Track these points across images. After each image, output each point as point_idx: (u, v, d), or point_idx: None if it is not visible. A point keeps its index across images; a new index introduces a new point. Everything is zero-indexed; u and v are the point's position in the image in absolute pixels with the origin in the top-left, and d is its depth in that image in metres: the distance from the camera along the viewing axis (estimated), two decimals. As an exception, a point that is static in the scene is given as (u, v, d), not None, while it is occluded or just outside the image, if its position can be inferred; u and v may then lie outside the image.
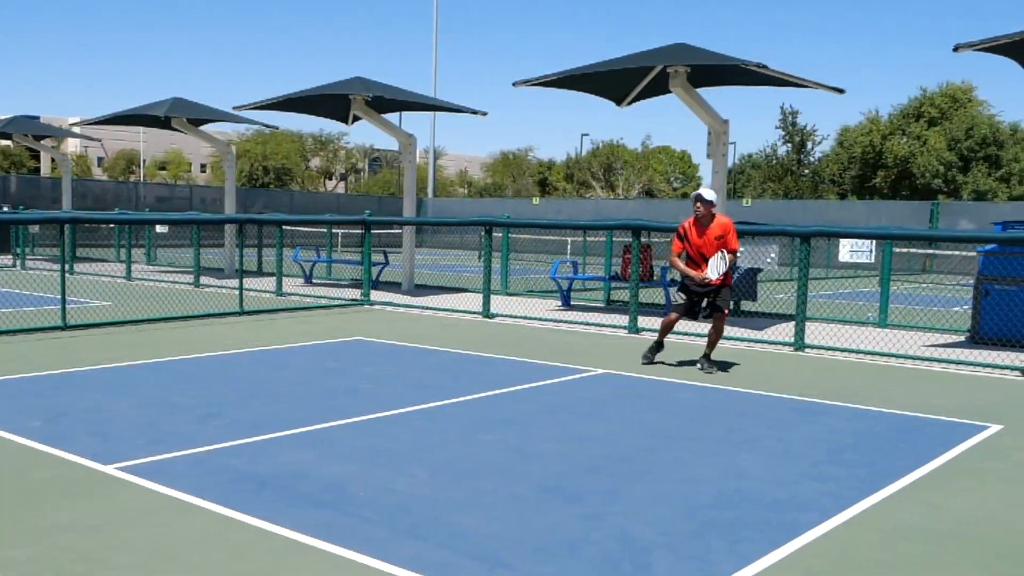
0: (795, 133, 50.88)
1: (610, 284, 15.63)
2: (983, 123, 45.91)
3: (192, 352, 9.69)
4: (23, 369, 8.48)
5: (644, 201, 45.74)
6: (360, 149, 71.62)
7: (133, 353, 9.53)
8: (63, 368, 8.60)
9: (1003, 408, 7.95)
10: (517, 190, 64.56)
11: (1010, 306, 11.91)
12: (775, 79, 13.30)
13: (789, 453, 6.23)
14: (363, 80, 16.16)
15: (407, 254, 16.82)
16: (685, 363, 9.85)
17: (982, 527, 4.80)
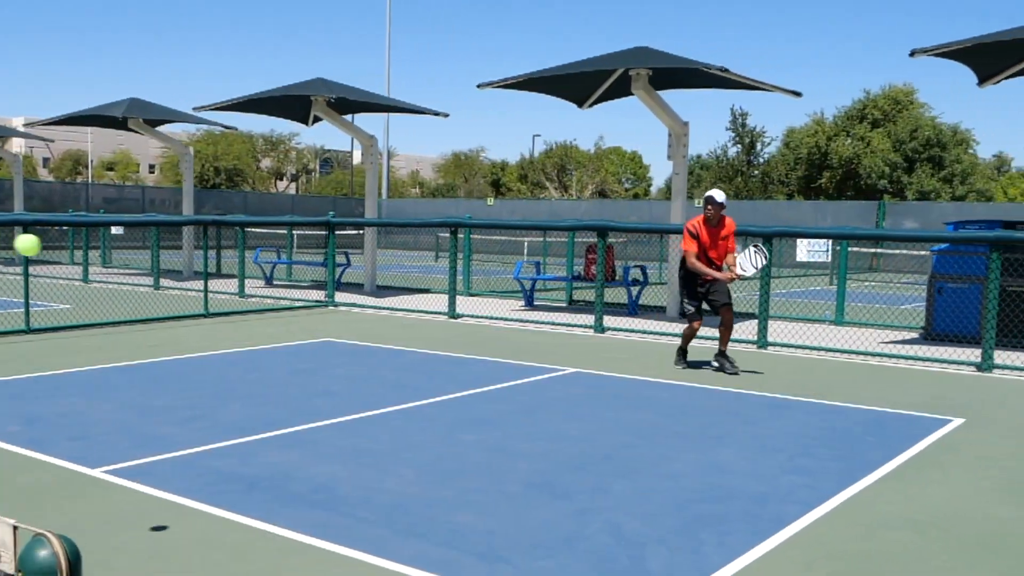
0: (745, 134, 51.66)
1: (572, 284, 15.79)
2: (927, 125, 47.05)
3: (162, 355, 9.62)
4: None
5: (598, 201, 46.08)
6: (311, 150, 71.12)
7: (102, 356, 9.43)
8: (33, 372, 8.49)
9: (963, 402, 8.22)
10: (469, 191, 64.62)
11: (962, 304, 12.28)
12: (736, 82, 13.56)
13: (764, 448, 6.39)
14: (325, 81, 16.13)
15: (369, 255, 16.81)
16: (651, 361, 10.02)
17: (957, 516, 4.99)
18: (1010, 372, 9.91)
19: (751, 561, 4.26)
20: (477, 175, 68.05)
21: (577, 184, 58.51)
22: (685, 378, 9.07)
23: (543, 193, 59.21)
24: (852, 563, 4.26)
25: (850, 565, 4.24)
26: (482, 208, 38.98)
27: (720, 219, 9.40)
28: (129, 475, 5.29)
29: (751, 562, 4.25)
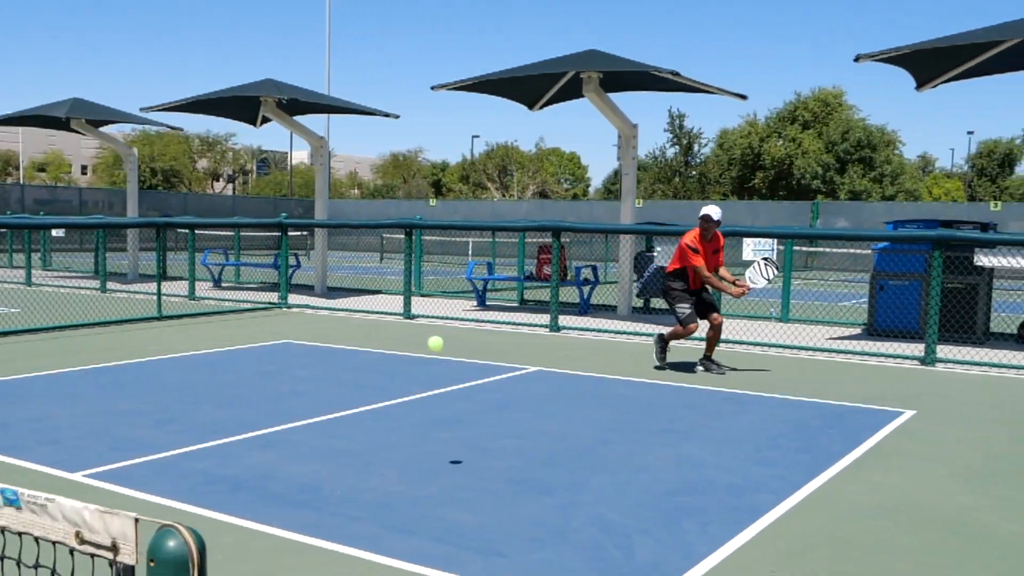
0: (683, 136, 52.46)
1: (523, 284, 15.94)
2: (857, 127, 48.34)
3: (122, 358, 9.51)
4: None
5: (539, 202, 46.35)
6: (248, 150, 70.19)
7: (61, 360, 9.29)
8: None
9: (912, 394, 8.56)
10: (408, 191, 64.46)
11: (903, 300, 12.73)
12: (684, 86, 13.84)
13: (731, 441, 6.60)
14: (275, 82, 16.03)
15: (320, 256, 16.75)
16: (609, 359, 10.21)
17: (923, 504, 5.24)
18: (952, 365, 10.31)
19: (734, 550, 4.43)
20: (416, 176, 67.90)
21: (518, 185, 58.80)
22: (647, 375, 9.27)
23: (485, 194, 59.36)
24: (830, 549, 4.46)
25: (828, 551, 4.44)
26: (424, 209, 38.95)
27: (714, 234, 9.60)
28: (111, 479, 5.28)
29: (734, 550, 4.42)
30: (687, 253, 9.43)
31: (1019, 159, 60.27)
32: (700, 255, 9.41)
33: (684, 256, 9.45)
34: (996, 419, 7.60)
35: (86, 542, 1.55)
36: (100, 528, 1.53)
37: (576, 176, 71.93)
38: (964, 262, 11.81)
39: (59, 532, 1.59)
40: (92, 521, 1.54)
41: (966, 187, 61.73)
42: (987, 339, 12.45)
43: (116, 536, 1.51)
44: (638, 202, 38.27)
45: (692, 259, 9.41)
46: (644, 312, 15.03)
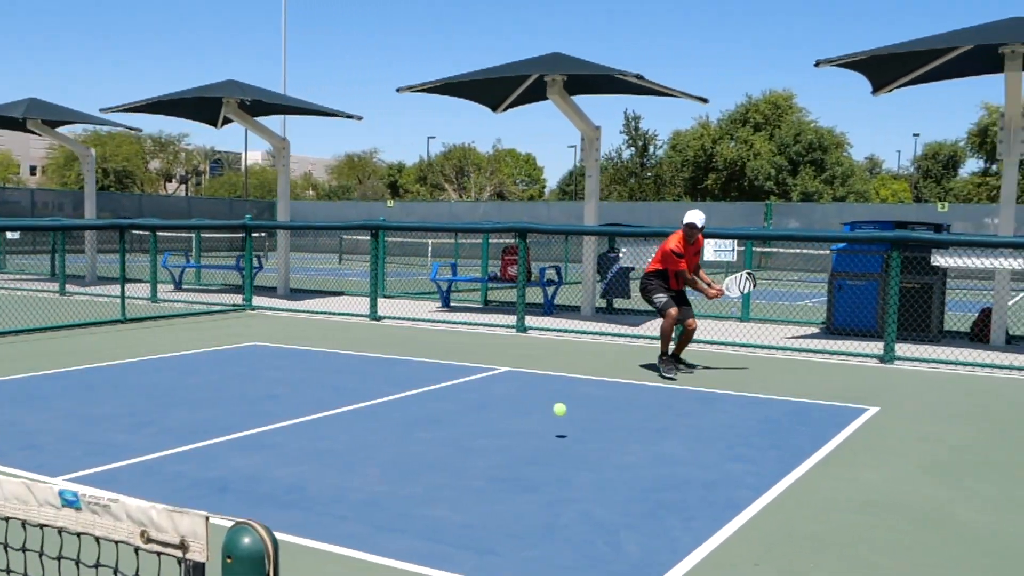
0: (638, 137, 52.91)
1: (487, 285, 16.01)
2: (809, 130, 49.14)
3: (88, 361, 9.41)
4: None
5: (497, 203, 46.45)
6: (201, 151, 69.31)
7: (24, 365, 9.16)
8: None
9: (874, 391, 8.78)
10: (363, 192, 64.15)
11: (860, 300, 13.02)
12: (646, 89, 14.01)
13: (704, 439, 6.73)
14: (237, 83, 15.92)
15: (283, 258, 16.67)
16: (578, 359, 10.33)
17: (895, 497, 5.40)
18: (909, 363, 10.58)
19: (718, 544, 4.54)
20: (371, 177, 67.60)
21: (475, 186, 58.85)
22: (616, 375, 9.38)
23: (442, 195, 59.31)
24: (810, 543, 4.60)
25: (808, 545, 4.57)
26: (382, 210, 38.82)
27: (695, 237, 9.73)
28: (95, 482, 5.25)
29: (718, 544, 4.53)
30: (671, 258, 9.52)
31: (963, 161, 61.61)
32: (684, 260, 9.54)
33: (668, 259, 9.55)
34: (955, 414, 7.83)
35: (152, 541, 1.60)
36: (168, 527, 1.58)
37: (532, 177, 72.18)
38: (919, 262, 12.12)
39: (123, 532, 1.64)
40: (160, 520, 1.58)
41: (912, 188, 62.96)
42: (941, 337, 12.79)
43: (185, 534, 1.56)
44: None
45: (676, 264, 9.52)
46: (607, 312, 15.18)
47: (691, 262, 9.70)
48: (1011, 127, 11.81)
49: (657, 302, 9.62)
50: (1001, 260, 10.64)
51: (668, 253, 9.55)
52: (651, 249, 12.30)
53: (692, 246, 9.71)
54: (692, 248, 9.71)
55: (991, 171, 52.87)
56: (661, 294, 9.62)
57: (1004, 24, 11.32)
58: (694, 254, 9.78)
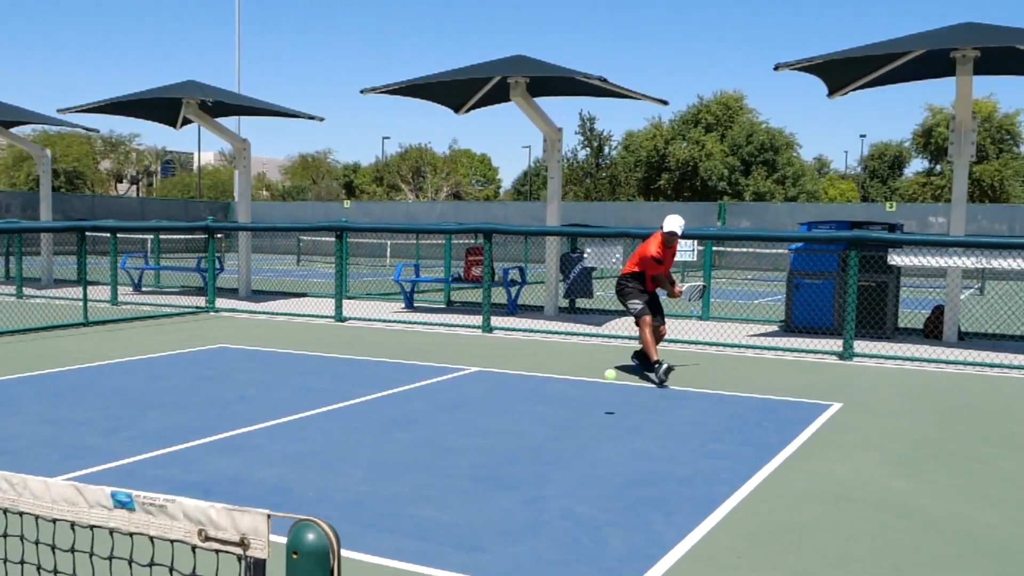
0: (593, 138, 53.24)
1: (450, 285, 16.07)
2: (761, 131, 49.84)
3: (54, 365, 9.30)
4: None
5: (454, 204, 46.44)
6: (152, 151, 68.27)
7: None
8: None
9: (836, 388, 9.00)
10: (318, 193, 63.74)
11: (817, 298, 13.30)
12: (610, 91, 14.17)
13: (676, 435, 6.88)
14: (198, 84, 15.79)
15: (244, 259, 16.56)
16: (545, 358, 10.44)
17: (864, 489, 5.58)
18: (867, 359, 10.85)
19: (700, 537, 4.67)
20: (326, 177, 67.16)
21: (432, 187, 58.78)
22: (583, 374, 9.50)
23: (399, 195, 59.14)
24: (788, 535, 4.74)
25: (787, 537, 4.71)
26: (339, 211, 38.64)
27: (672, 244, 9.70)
28: (76, 487, 5.23)
29: (700, 538, 4.66)
30: (650, 262, 9.44)
31: (907, 162, 62.84)
32: (663, 265, 9.51)
33: (646, 263, 9.47)
34: (915, 409, 8.07)
35: (211, 539, 1.66)
36: (228, 525, 1.64)
37: (487, 177, 72.24)
38: (875, 261, 12.41)
39: (179, 531, 1.69)
40: (219, 519, 1.64)
41: (859, 188, 64.10)
42: (896, 334, 13.11)
43: (246, 532, 1.62)
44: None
45: (655, 268, 9.49)
46: (570, 312, 15.32)
47: (668, 265, 9.71)
48: (962, 129, 12.15)
49: (632, 308, 9.52)
50: (954, 259, 10.94)
51: (647, 258, 9.47)
52: (615, 250, 12.47)
53: (669, 249, 9.68)
54: (669, 252, 9.69)
55: (935, 171, 54.08)
56: (636, 300, 9.49)
57: (955, 29, 11.64)
58: (670, 257, 9.76)
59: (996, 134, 48.77)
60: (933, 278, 22.26)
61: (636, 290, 9.52)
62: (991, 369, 10.30)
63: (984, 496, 5.48)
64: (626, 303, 9.61)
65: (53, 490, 1.87)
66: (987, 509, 5.22)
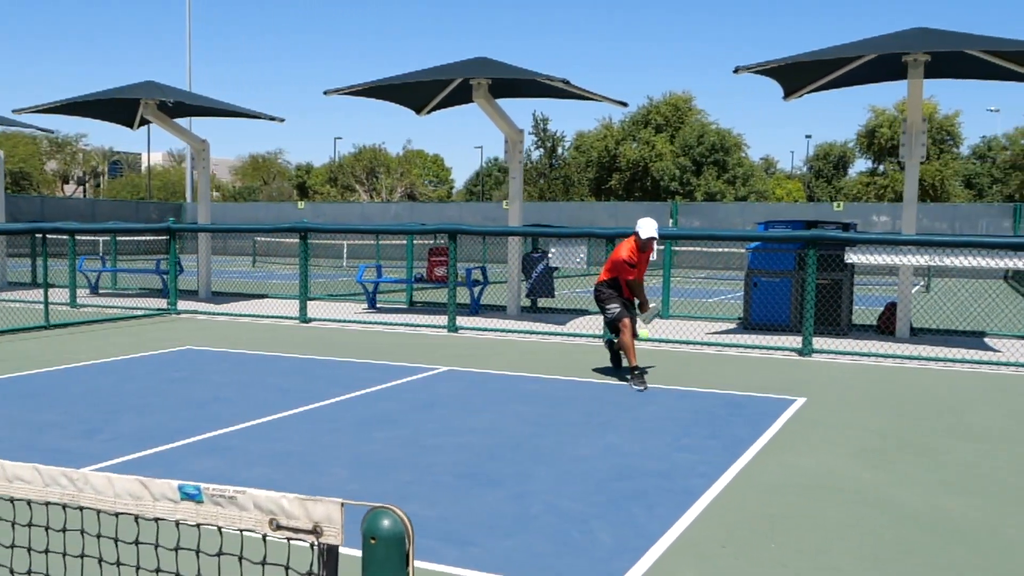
0: (547, 139, 53.53)
1: (412, 286, 16.12)
2: (711, 132, 50.53)
3: (24, 368, 9.21)
4: None
5: (408, 204, 46.38)
6: (99, 151, 67.07)
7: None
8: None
9: (798, 383, 9.25)
10: (270, 193, 63.19)
11: (774, 296, 13.60)
12: (570, 93, 14.33)
13: (648, 431, 7.03)
14: (156, 84, 15.65)
15: (204, 261, 16.45)
16: (513, 357, 10.56)
17: (833, 480, 5.78)
18: (826, 355, 11.14)
19: (684, 528, 4.82)
20: (277, 178, 66.61)
21: (386, 187, 58.59)
22: (554, 372, 9.63)
23: (353, 196, 58.88)
24: (767, 525, 4.91)
25: (766, 527, 4.88)
26: (293, 211, 38.40)
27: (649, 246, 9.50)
28: (61, 490, 5.23)
29: (684, 529, 4.81)
30: (624, 267, 9.32)
31: (851, 162, 64.08)
32: (636, 269, 9.39)
33: (619, 269, 9.36)
34: (875, 403, 8.32)
35: (282, 528, 1.75)
36: (300, 514, 1.73)
37: (440, 178, 72.23)
38: (831, 260, 12.74)
39: (249, 521, 1.78)
40: (291, 508, 1.73)
41: (805, 188, 65.21)
42: (850, 330, 13.46)
43: (319, 520, 1.71)
44: (505, 204, 38.94)
45: (627, 273, 9.39)
46: (532, 311, 15.46)
47: (642, 269, 9.53)
48: (913, 131, 12.50)
49: (609, 313, 9.36)
50: (908, 257, 11.27)
51: (620, 263, 9.31)
52: (579, 250, 12.62)
53: (644, 253, 9.49)
54: (644, 255, 9.50)
55: (878, 171, 55.27)
56: (614, 304, 9.35)
57: (907, 34, 11.99)
58: (645, 261, 9.56)
59: (936, 135, 49.96)
60: (883, 276, 22.80)
61: (612, 295, 9.40)
62: (944, 363, 10.64)
63: (950, 485, 5.71)
64: (604, 308, 9.44)
65: (117, 485, 1.94)
66: (954, 497, 5.45)
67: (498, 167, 65.77)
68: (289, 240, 34.00)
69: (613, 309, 9.31)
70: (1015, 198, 49.05)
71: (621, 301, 9.38)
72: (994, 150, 56.55)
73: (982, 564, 4.37)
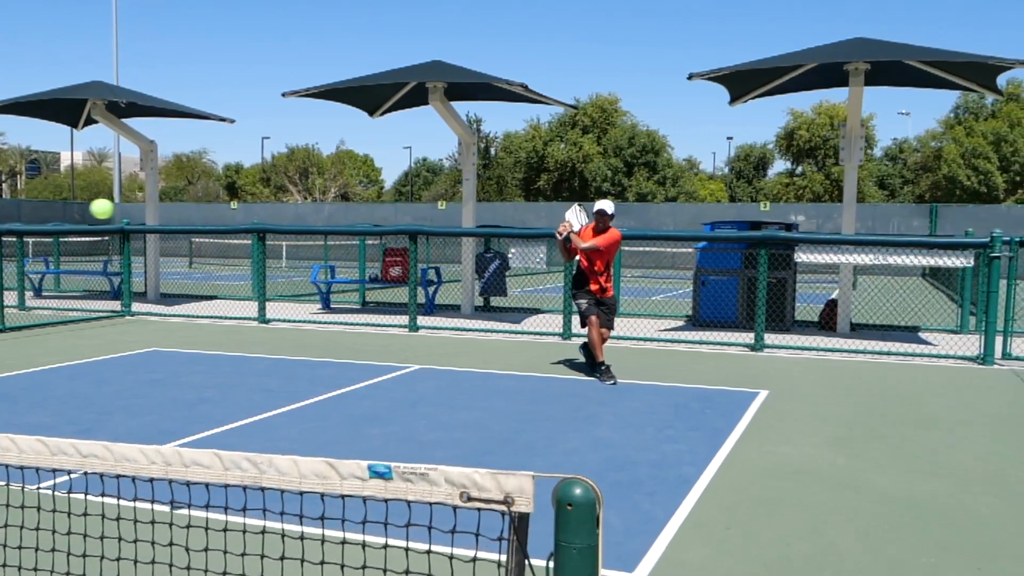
0: (480, 140, 53.77)
1: (365, 286, 16.22)
2: (642, 133, 51.44)
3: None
4: None
5: (342, 205, 46.13)
6: (16, 150, 64.97)
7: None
8: None
9: (757, 376, 9.68)
10: (196, 194, 62.09)
11: (722, 294, 14.10)
12: (524, 97, 14.61)
13: (630, 424, 7.35)
14: (105, 84, 15.45)
15: (153, 263, 16.30)
16: (480, 355, 10.79)
17: (812, 466, 6.17)
18: (776, 350, 11.63)
19: (687, 512, 5.13)
20: (202, 178, 65.46)
21: (319, 188, 58.11)
22: (527, 369, 9.89)
23: (287, 197, 58.28)
24: (762, 508, 5.26)
25: (762, 509, 5.23)
26: (227, 212, 37.91)
27: (606, 230, 9.49)
28: (67, 488, 5.30)
29: (688, 513, 5.12)
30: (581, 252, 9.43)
31: (771, 163, 65.76)
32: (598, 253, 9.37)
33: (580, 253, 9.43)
34: (832, 394, 8.78)
35: (473, 499, 1.98)
36: (492, 486, 1.96)
37: (370, 178, 71.88)
38: (778, 259, 13.27)
39: (440, 495, 2.00)
40: (483, 482, 1.96)
41: (727, 188, 66.74)
42: (793, 326, 14.03)
43: (511, 491, 1.95)
44: (441, 204, 39.06)
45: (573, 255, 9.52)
46: (485, 310, 15.70)
47: (606, 256, 9.47)
48: (852, 136, 13.11)
49: (578, 307, 9.51)
50: (854, 256, 11.84)
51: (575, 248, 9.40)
52: (539, 250, 12.92)
53: (602, 234, 9.40)
54: (603, 239, 9.38)
55: (796, 172, 56.92)
56: (581, 300, 9.46)
57: (849, 44, 12.57)
58: (605, 243, 9.41)
59: (854, 138, 51.68)
60: (821, 274, 23.65)
61: (581, 290, 9.54)
62: (889, 357, 11.22)
63: (917, 469, 6.14)
64: (575, 302, 9.59)
65: (302, 466, 2.15)
66: (924, 480, 5.88)
67: (427, 167, 65.88)
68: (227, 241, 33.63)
69: (580, 304, 9.47)
70: (925, 198, 51.02)
71: (588, 296, 9.50)
72: (905, 152, 58.69)
73: (962, 539, 4.77)
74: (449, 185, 52.91)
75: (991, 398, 8.77)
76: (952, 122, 51.64)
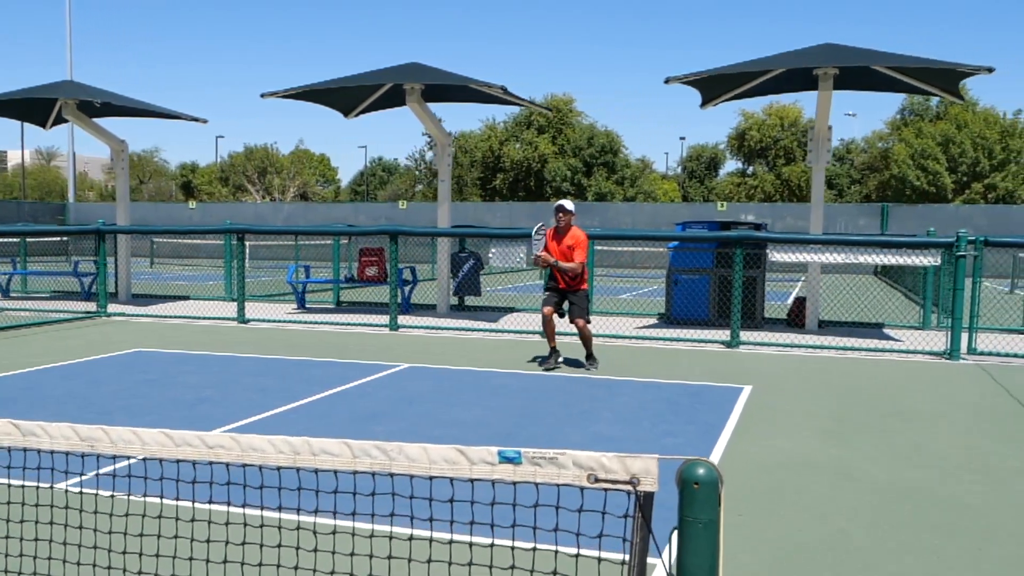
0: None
1: (340, 286, 16.26)
2: (600, 133, 51.88)
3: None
4: None
5: (303, 204, 45.87)
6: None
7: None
8: None
9: (738, 372, 9.96)
10: (150, 193, 61.27)
11: (693, 292, 14.41)
12: (499, 99, 14.78)
13: (626, 419, 7.56)
14: (76, 83, 15.30)
15: (124, 263, 16.17)
16: (467, 353, 10.94)
17: (807, 458, 6.42)
18: (751, 347, 11.95)
19: (700, 501, 5.35)
20: (154, 177, 64.56)
21: (278, 187, 57.69)
22: (515, 367, 10.06)
23: (245, 196, 57.75)
24: (767, 496, 5.49)
25: (767, 497, 5.46)
26: (184, 212, 37.52)
27: (568, 228, 9.76)
28: (85, 485, 5.37)
29: (700, 502, 5.34)
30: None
31: (723, 163, 66.69)
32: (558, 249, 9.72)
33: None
34: (815, 389, 9.08)
35: (600, 480, 2.15)
36: (619, 468, 2.14)
37: (327, 178, 71.51)
38: (749, 258, 13.60)
39: (568, 477, 2.17)
40: (610, 464, 2.14)
41: (680, 188, 67.52)
42: (763, 323, 14.38)
43: (636, 472, 2.12)
44: (402, 204, 39.07)
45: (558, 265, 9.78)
46: (460, 309, 15.84)
47: (562, 255, 9.73)
48: (819, 138, 13.49)
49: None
50: (823, 255, 12.19)
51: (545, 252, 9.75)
52: (519, 250, 13.09)
53: (563, 237, 9.71)
54: (563, 240, 9.72)
55: (748, 172, 57.82)
56: (545, 291, 10.06)
57: (818, 50, 12.94)
58: (567, 247, 9.74)
59: (802, 138, 52.69)
60: (782, 272, 24.13)
61: (548, 284, 10.06)
62: (860, 352, 11.59)
63: (906, 459, 6.43)
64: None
65: (432, 453, 2.30)
66: (913, 470, 6.16)
67: (382, 167, 65.70)
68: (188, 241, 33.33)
69: (544, 295, 10.01)
70: (872, 198, 52.16)
71: (550, 292, 9.96)
72: (852, 152, 59.93)
73: (958, 523, 5.04)
74: (408, 185, 52.88)
75: (963, 391, 9.14)
76: (899, 123, 52.85)
